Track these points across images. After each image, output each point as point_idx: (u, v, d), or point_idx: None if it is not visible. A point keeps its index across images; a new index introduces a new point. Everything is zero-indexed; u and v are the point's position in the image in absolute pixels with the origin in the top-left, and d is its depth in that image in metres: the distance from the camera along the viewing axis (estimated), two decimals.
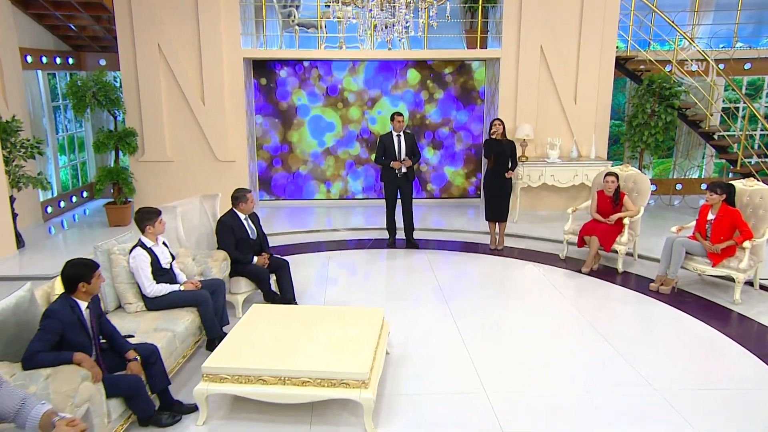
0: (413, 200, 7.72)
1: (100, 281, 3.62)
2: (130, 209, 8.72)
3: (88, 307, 3.61)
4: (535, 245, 7.80)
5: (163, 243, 4.93)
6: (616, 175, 6.75)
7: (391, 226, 7.78)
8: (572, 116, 9.16)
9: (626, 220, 6.66)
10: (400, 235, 7.94)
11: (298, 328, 4.32)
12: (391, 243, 7.77)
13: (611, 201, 6.76)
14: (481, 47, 9.40)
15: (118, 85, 9.01)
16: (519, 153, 8.98)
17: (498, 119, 7.28)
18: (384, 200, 7.74)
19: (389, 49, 9.07)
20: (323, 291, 6.21)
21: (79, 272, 3.53)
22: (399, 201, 7.60)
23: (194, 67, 8.78)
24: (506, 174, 7.24)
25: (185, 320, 4.57)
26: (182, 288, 4.83)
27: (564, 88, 9.09)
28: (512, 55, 9.01)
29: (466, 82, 9.90)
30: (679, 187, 10.61)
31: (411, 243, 7.72)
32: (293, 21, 9.41)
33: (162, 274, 4.79)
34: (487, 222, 7.70)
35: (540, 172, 8.84)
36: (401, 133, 7.41)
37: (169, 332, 4.31)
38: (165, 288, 4.73)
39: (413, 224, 7.76)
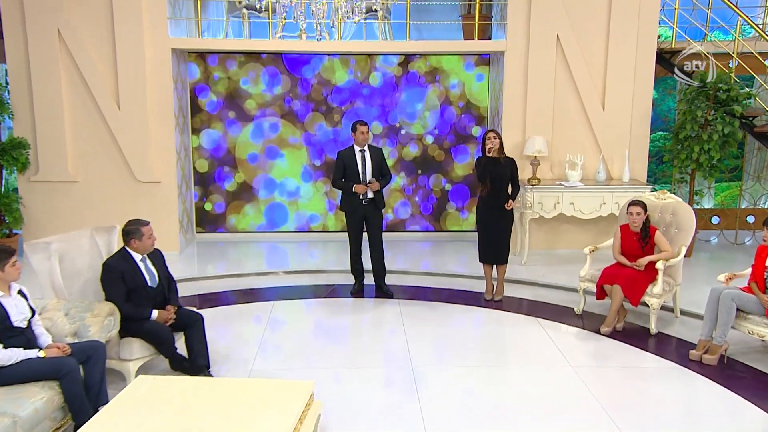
0: (383, 234, 7.63)
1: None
2: (18, 244, 8.53)
3: None
4: (545, 295, 7.73)
5: (19, 292, 4.67)
6: (643, 205, 6.55)
7: (356, 268, 7.77)
8: (600, 126, 9.08)
9: (660, 264, 6.42)
10: (371, 279, 7.87)
11: (189, 412, 4.01)
12: (357, 290, 7.76)
13: (638, 239, 6.58)
14: (480, 37, 9.33)
15: (3, 82, 8.91)
16: (530, 174, 8.95)
17: (493, 131, 7.17)
18: (348, 236, 7.68)
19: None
20: (253, 356, 6.06)
21: None
22: (366, 235, 7.61)
23: (106, 60, 8.68)
24: (506, 205, 7.13)
25: (36, 399, 4.25)
26: (42, 354, 4.53)
27: (588, 90, 8.99)
28: (520, 48, 8.95)
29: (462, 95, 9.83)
30: (750, 219, 10.45)
31: (382, 290, 7.70)
32: (240, 2, 9.31)
33: (13, 335, 4.50)
34: (482, 265, 7.57)
35: (556, 200, 8.69)
36: (366, 148, 7.37)
37: (8, 417, 4.00)
38: (15, 355, 4.44)
39: (384, 266, 7.71)
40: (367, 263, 7.77)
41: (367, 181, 7.30)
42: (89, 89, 8.67)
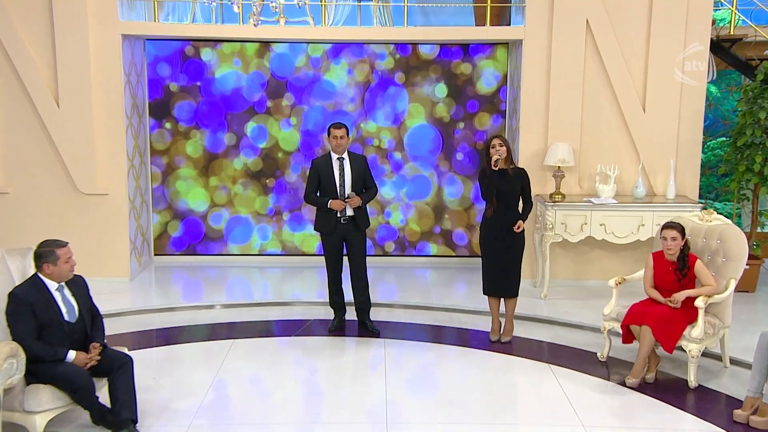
0: (367, 259, 7.61)
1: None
2: None
3: None
4: (565, 336, 7.63)
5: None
6: (680, 229, 6.38)
7: (335, 301, 7.75)
8: (639, 131, 8.93)
9: (701, 302, 6.23)
10: (350, 314, 7.82)
11: None
12: (336, 326, 7.75)
13: (675, 270, 6.41)
14: (494, 23, 9.23)
15: None
16: (552, 188, 8.85)
17: (499, 138, 7.10)
18: (325, 261, 7.67)
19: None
20: (196, 408, 5.93)
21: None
22: (348, 260, 7.58)
23: (43, 49, 8.63)
24: (515, 227, 7.08)
25: None
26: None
27: (625, 87, 8.86)
28: (541, 36, 8.83)
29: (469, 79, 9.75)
30: None
31: (366, 327, 7.70)
32: None
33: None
34: (487, 298, 7.49)
35: (583, 219, 8.55)
36: (345, 156, 7.36)
37: None
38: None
39: (369, 298, 7.68)
40: (349, 294, 7.69)
41: (345, 196, 7.27)
42: (22, 83, 8.62)
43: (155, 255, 10.00)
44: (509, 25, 9.50)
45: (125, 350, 5.76)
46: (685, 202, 8.58)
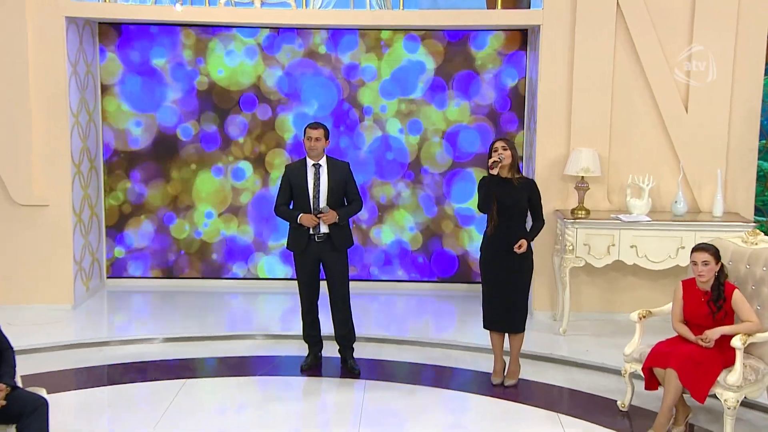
0: (349, 284, 7.58)
1: None
2: None
3: None
4: (582, 380, 7.52)
5: None
6: (714, 252, 6.21)
7: (309, 334, 7.72)
8: (681, 136, 8.83)
9: (738, 341, 6.03)
10: (331, 350, 7.75)
11: None
12: (310, 365, 7.71)
13: (708, 301, 6.25)
14: (506, 5, 9.19)
15: None
16: (574, 202, 8.75)
17: (502, 140, 7.05)
18: (297, 285, 7.69)
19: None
20: None
21: None
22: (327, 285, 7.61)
23: None
24: (515, 246, 6.98)
25: None
26: None
27: (663, 83, 8.76)
28: (563, 21, 8.80)
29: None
30: None
31: (346, 366, 7.67)
32: None
33: None
34: (488, 333, 7.41)
35: (610, 240, 8.42)
36: (322, 162, 7.36)
37: None
38: None
39: (352, 330, 7.67)
40: (328, 329, 7.69)
41: (318, 210, 7.24)
42: None
43: (110, 278, 10.03)
44: (529, 6, 9.47)
45: (42, 392, 5.62)
46: (735, 221, 8.42)
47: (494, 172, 6.87)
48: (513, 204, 6.96)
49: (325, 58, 9.79)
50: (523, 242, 6.93)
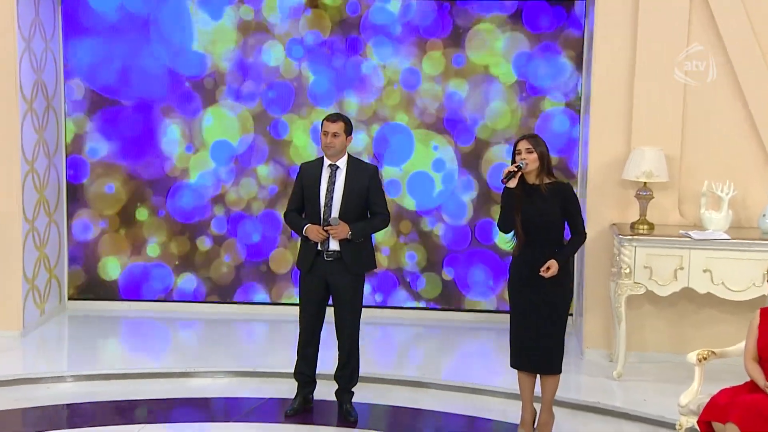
0: (360, 316, 7.59)
1: None
2: None
3: None
4: None
5: None
6: None
7: (301, 371, 7.57)
8: None
9: None
10: (325, 390, 7.62)
11: None
12: (297, 409, 7.57)
13: None
14: None
15: None
16: (634, 215, 8.50)
17: (527, 139, 6.81)
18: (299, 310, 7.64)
19: None
20: None
21: None
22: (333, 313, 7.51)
23: None
24: (541, 270, 6.75)
25: None
26: None
27: (751, 66, 8.59)
28: None
29: None
30: None
31: (343, 411, 7.54)
32: None
33: None
34: (516, 374, 7.22)
35: (678, 262, 8.11)
36: (340, 164, 7.27)
37: None
38: None
39: (356, 371, 7.56)
40: (326, 363, 7.59)
41: (326, 220, 7.12)
42: None
43: (71, 300, 9.99)
44: None
45: None
46: None
47: (511, 185, 6.74)
48: (539, 216, 6.79)
49: None
50: (552, 264, 6.67)
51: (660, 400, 7.86)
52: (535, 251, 6.86)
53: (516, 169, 6.71)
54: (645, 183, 8.39)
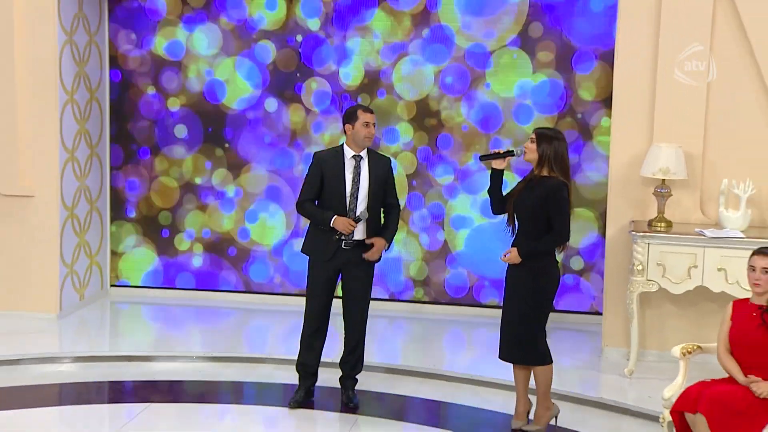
0: (369, 300, 7.66)
1: None
2: None
3: None
4: (629, 430, 7.52)
5: None
6: None
7: (305, 361, 7.61)
8: None
9: None
10: (329, 379, 7.73)
11: None
12: (299, 400, 7.61)
13: (762, 315, 6.06)
14: None
15: None
16: (652, 212, 8.46)
17: (537, 132, 6.97)
18: (305, 298, 7.69)
19: None
20: None
21: None
22: (341, 301, 7.61)
23: None
24: (502, 255, 7.01)
25: None
26: None
27: None
28: None
29: None
30: None
31: (347, 398, 7.64)
32: None
33: None
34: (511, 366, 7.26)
35: (691, 260, 8.07)
36: (363, 155, 7.37)
37: None
38: None
39: (361, 359, 7.65)
40: (331, 351, 7.69)
41: (356, 215, 7.22)
42: None
43: (113, 286, 10.18)
44: None
45: None
46: None
47: (497, 166, 6.95)
48: (523, 206, 6.91)
49: None
50: (513, 251, 6.86)
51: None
52: (521, 240, 7.01)
53: (503, 153, 6.92)
54: (663, 180, 8.35)
